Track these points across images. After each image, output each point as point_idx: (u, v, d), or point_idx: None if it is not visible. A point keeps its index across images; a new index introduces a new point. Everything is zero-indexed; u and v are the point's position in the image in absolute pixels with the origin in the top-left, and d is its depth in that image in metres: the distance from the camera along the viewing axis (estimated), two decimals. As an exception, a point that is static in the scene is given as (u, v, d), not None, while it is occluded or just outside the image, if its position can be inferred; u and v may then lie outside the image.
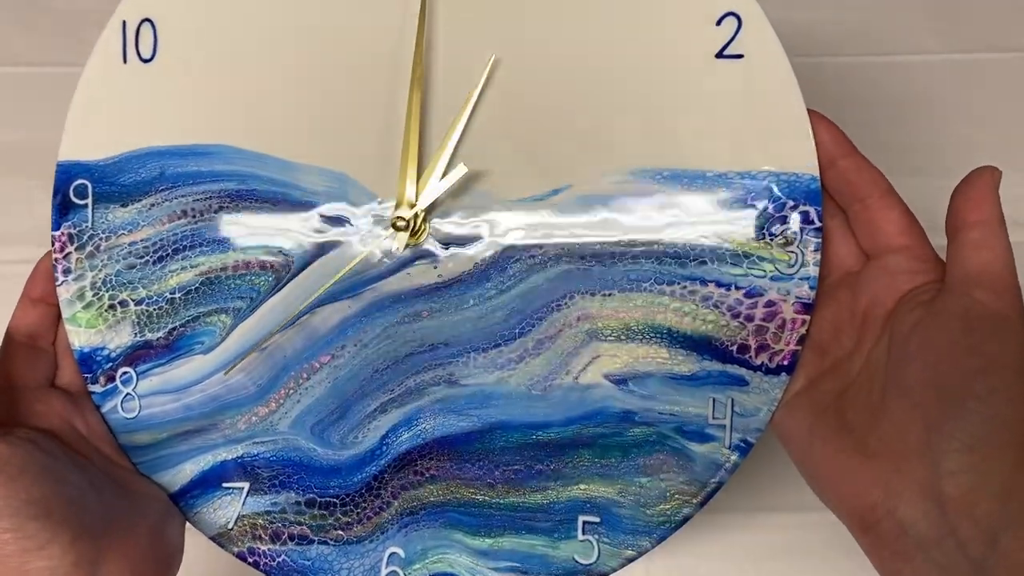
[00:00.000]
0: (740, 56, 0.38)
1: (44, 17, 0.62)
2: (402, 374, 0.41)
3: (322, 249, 0.41)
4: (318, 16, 0.41)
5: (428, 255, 0.41)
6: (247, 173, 0.42)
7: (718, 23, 0.38)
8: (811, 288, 0.38)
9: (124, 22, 0.42)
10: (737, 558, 0.53)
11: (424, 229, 0.40)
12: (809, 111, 0.37)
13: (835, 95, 0.54)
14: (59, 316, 0.43)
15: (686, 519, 0.39)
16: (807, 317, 0.38)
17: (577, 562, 0.40)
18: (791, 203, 0.38)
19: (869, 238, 0.37)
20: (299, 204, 0.41)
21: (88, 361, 0.43)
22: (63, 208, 0.43)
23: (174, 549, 0.42)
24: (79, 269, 0.43)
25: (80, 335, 0.43)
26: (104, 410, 0.43)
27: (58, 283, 0.43)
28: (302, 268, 0.41)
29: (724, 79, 0.38)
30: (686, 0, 0.38)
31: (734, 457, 0.38)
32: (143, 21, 0.42)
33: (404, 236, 0.40)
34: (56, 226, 0.43)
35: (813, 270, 0.38)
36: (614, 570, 0.39)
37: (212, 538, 0.43)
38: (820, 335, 0.38)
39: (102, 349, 0.43)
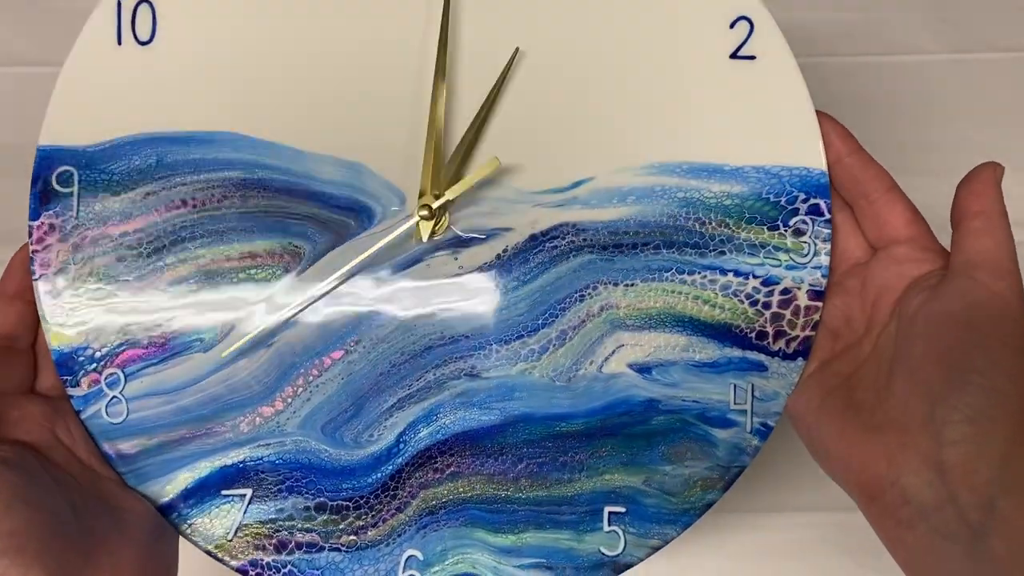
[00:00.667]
0: (753, 57, 0.40)
1: (44, 17, 0.60)
2: (421, 368, 0.40)
3: (336, 240, 0.40)
4: None
5: (448, 246, 0.40)
6: (255, 162, 0.40)
7: (732, 26, 0.40)
8: (823, 276, 0.40)
9: (119, 3, 0.40)
10: (738, 558, 0.54)
11: (444, 220, 0.40)
12: (817, 111, 0.40)
13: (835, 95, 0.56)
14: (37, 315, 0.39)
15: (710, 505, 0.39)
16: (819, 304, 0.40)
17: (603, 554, 0.39)
18: (802, 196, 0.40)
19: (876, 231, 0.39)
20: (312, 194, 0.40)
21: (68, 363, 0.39)
22: (44, 196, 0.39)
23: (165, 571, 0.39)
24: (61, 262, 0.39)
25: (59, 335, 0.39)
26: (86, 415, 0.39)
27: (35, 277, 0.39)
28: (314, 260, 0.40)
29: (738, 78, 0.40)
30: (702, 4, 0.40)
31: (755, 441, 0.39)
32: (140, 2, 0.40)
33: (428, 226, 0.39)
34: (35, 215, 0.39)
35: (824, 259, 0.40)
36: (640, 560, 0.39)
37: (208, 552, 0.39)
38: (832, 322, 0.40)
39: (85, 349, 0.39)
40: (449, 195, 0.39)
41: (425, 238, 0.39)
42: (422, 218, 0.39)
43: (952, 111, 0.60)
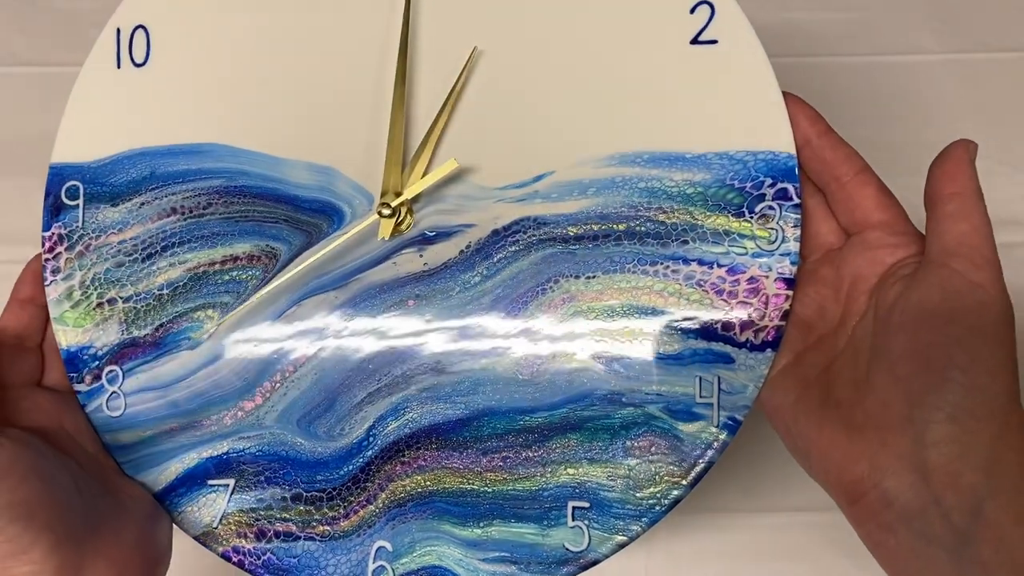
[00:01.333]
0: (715, 41, 0.39)
1: (44, 17, 0.62)
2: (388, 363, 0.41)
3: (309, 241, 0.42)
4: (304, 15, 0.42)
5: (413, 244, 0.41)
6: (236, 170, 0.42)
7: (692, 11, 0.39)
8: (792, 263, 0.38)
9: (118, 29, 0.43)
10: (737, 558, 0.52)
11: (409, 219, 0.41)
12: (785, 93, 0.38)
13: (834, 95, 0.55)
14: (48, 317, 0.43)
15: (676, 501, 0.38)
16: (790, 292, 0.38)
17: (568, 549, 0.39)
18: (769, 181, 0.38)
19: (848, 215, 0.37)
20: (287, 198, 0.42)
21: (75, 360, 0.43)
22: (54, 209, 0.43)
23: (160, 552, 0.42)
24: (68, 268, 0.43)
25: (68, 334, 0.43)
26: (89, 409, 0.42)
27: (47, 283, 0.43)
28: (289, 261, 0.42)
29: (700, 64, 0.39)
30: (660, -10, 0.40)
31: (723, 436, 0.38)
32: (137, 27, 0.43)
33: (389, 224, 0.40)
34: (47, 227, 0.43)
35: (794, 246, 0.38)
36: (605, 556, 0.39)
37: (196, 538, 0.42)
38: (804, 312, 0.38)
39: (89, 348, 0.43)
40: (407, 194, 0.40)
41: (387, 236, 0.40)
42: (382, 216, 0.40)
43: (951, 111, 0.58)
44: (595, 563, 0.39)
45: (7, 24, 0.64)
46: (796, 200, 0.38)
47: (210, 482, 0.42)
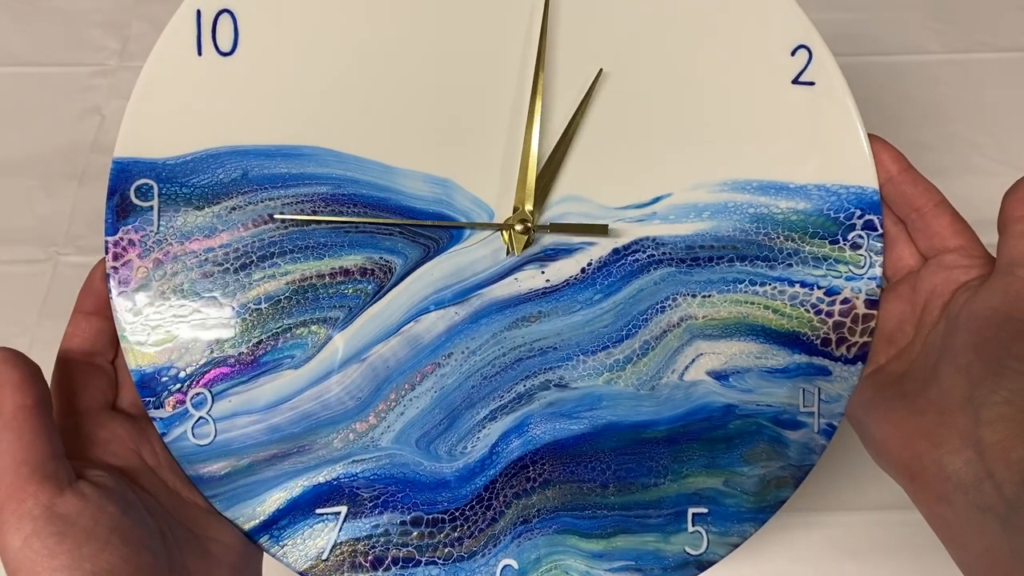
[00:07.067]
0: (812, 83, 0.43)
1: (44, 17, 0.56)
2: (511, 380, 0.40)
3: (426, 255, 0.40)
4: (418, 12, 0.41)
5: (535, 260, 0.41)
6: (344, 177, 0.40)
7: (792, 53, 0.43)
8: (878, 286, 0.43)
9: (199, 11, 0.39)
10: (738, 558, 0.54)
11: (532, 236, 0.41)
12: (870, 135, 0.43)
13: None
14: (116, 331, 0.38)
15: (782, 502, 0.42)
16: (875, 312, 0.43)
17: (688, 553, 0.41)
18: (858, 212, 0.43)
19: (926, 241, 0.43)
20: (402, 209, 0.40)
21: (151, 383, 0.38)
22: (121, 211, 0.38)
23: None
24: (141, 278, 0.38)
25: (140, 354, 0.38)
26: (170, 439, 0.38)
27: (114, 294, 0.37)
28: (405, 275, 0.40)
29: (799, 102, 0.43)
30: (766, 33, 0.43)
31: (822, 440, 0.42)
32: (222, 12, 0.39)
33: (521, 241, 0.40)
34: (112, 231, 0.38)
35: (878, 271, 0.43)
36: (721, 557, 0.41)
37: (302, 573, 0.39)
38: (886, 327, 0.43)
39: (168, 368, 0.38)
40: (551, 231, 0.40)
41: (517, 252, 0.40)
42: (516, 233, 0.39)
43: (952, 111, 0.61)
44: (711, 564, 0.41)
45: (7, 24, 0.58)
46: (880, 231, 0.43)
47: (318, 511, 0.39)
